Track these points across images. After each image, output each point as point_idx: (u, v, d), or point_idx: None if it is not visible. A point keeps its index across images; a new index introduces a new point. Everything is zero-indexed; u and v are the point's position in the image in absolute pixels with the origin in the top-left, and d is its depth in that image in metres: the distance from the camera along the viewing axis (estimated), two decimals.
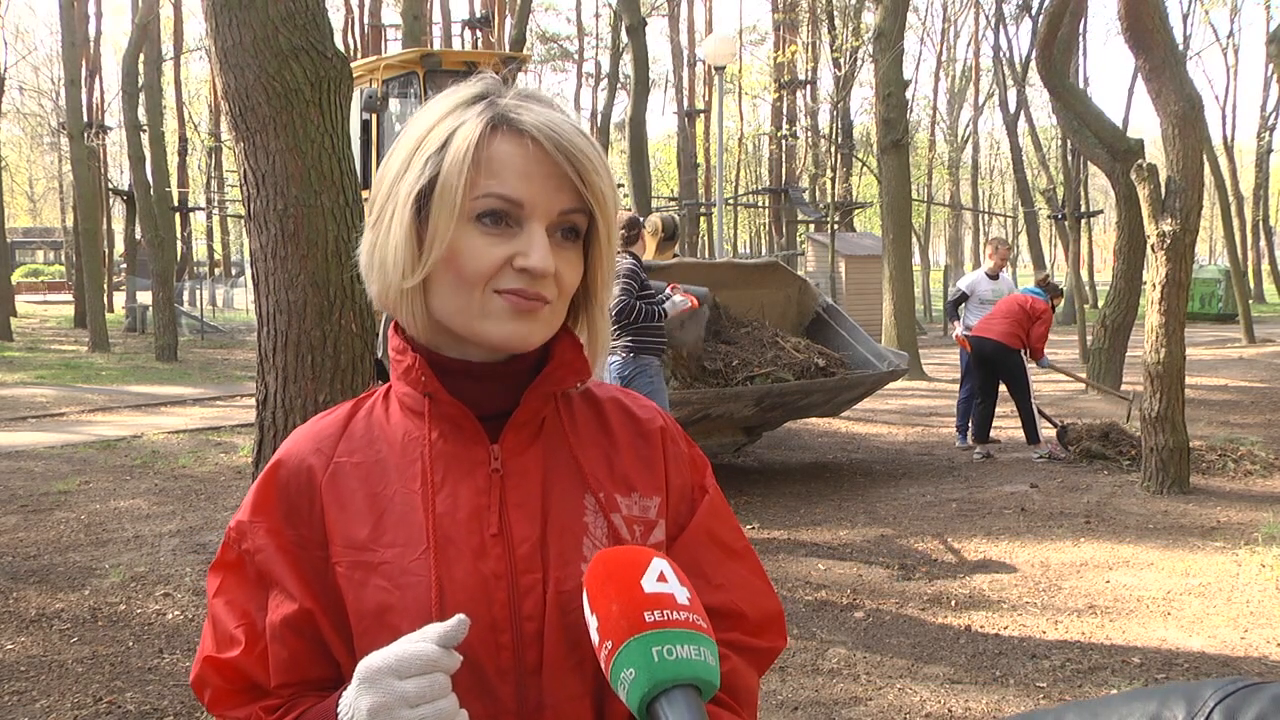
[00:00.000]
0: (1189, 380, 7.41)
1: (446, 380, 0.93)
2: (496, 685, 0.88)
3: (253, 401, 4.57)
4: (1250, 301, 22.20)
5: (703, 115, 31.72)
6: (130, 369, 15.80)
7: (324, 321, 3.89)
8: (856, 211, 29.42)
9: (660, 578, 0.79)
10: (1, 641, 4.22)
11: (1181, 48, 13.71)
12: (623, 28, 18.51)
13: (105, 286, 25.92)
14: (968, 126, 37.06)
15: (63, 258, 42.08)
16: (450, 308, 0.90)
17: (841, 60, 22.44)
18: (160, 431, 9.62)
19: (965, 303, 8.87)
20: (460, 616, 0.81)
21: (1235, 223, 24.83)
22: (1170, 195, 6.69)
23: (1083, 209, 24.12)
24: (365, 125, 10.43)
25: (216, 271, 37.07)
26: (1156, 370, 6.73)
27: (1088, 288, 28.94)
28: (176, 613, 4.59)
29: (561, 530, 0.92)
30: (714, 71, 16.27)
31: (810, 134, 30.24)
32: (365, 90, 10.18)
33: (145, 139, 18.60)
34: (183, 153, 30.46)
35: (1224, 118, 35.49)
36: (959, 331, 8.72)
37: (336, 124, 3.94)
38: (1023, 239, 35.50)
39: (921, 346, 15.76)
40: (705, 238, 26.65)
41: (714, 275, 7.65)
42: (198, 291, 26.66)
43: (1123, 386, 10.76)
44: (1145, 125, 74.98)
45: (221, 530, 5.68)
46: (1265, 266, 37.34)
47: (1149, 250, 6.89)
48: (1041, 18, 13.61)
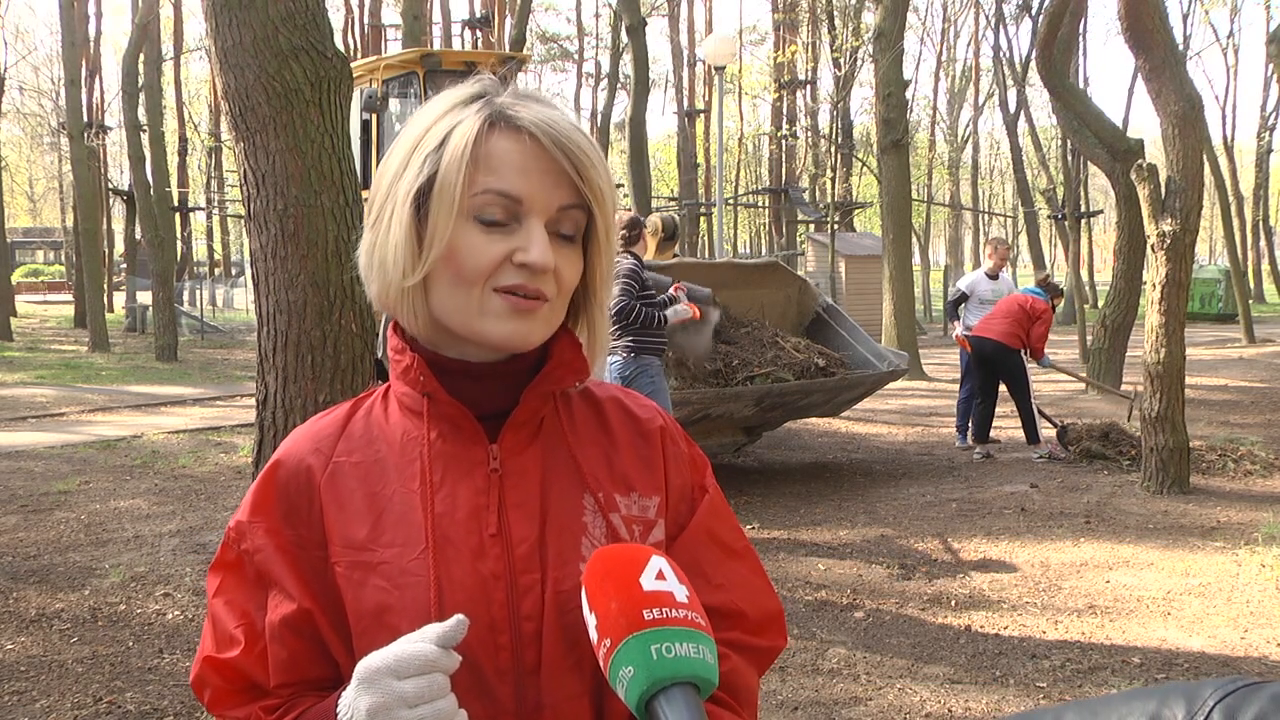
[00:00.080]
0: (1189, 380, 7.41)
1: (445, 380, 0.93)
2: (495, 685, 0.88)
3: (253, 401, 4.57)
4: (1250, 301, 22.20)
5: (703, 115, 31.72)
6: (130, 369, 15.80)
7: (324, 321, 3.89)
8: (856, 211, 29.42)
9: (659, 576, 0.79)
10: (1, 641, 4.22)
11: (1181, 48, 13.70)
12: (623, 28, 18.51)
13: (105, 286, 25.93)
14: (968, 126, 37.07)
15: (63, 258, 42.09)
16: (450, 306, 0.90)
17: (841, 60, 22.44)
18: (160, 431, 9.62)
19: (965, 303, 8.87)
20: (459, 617, 0.81)
21: (1235, 223, 24.83)
22: (1170, 195, 6.69)
23: (1083, 209, 24.12)
24: (365, 125, 10.44)
25: (216, 271, 37.06)
26: (1156, 370, 6.73)
27: (1088, 288, 28.93)
28: (176, 613, 4.59)
29: (560, 530, 0.92)
30: (714, 71, 16.27)
31: (810, 134, 30.24)
32: (365, 90, 10.19)
33: (145, 139, 18.60)
34: (183, 153, 30.46)
35: (1224, 118, 35.55)
36: (959, 332, 8.72)
37: (336, 124, 3.94)
38: (1023, 239, 35.51)
39: (921, 346, 15.75)
40: (705, 238, 26.65)
41: (714, 275, 7.65)
42: (198, 291, 26.66)
43: (1123, 386, 10.75)
44: (1145, 125, 75.01)
45: (221, 530, 5.67)
46: (1265, 266, 37.35)
47: (1149, 250, 6.89)
48: (1041, 18, 13.61)
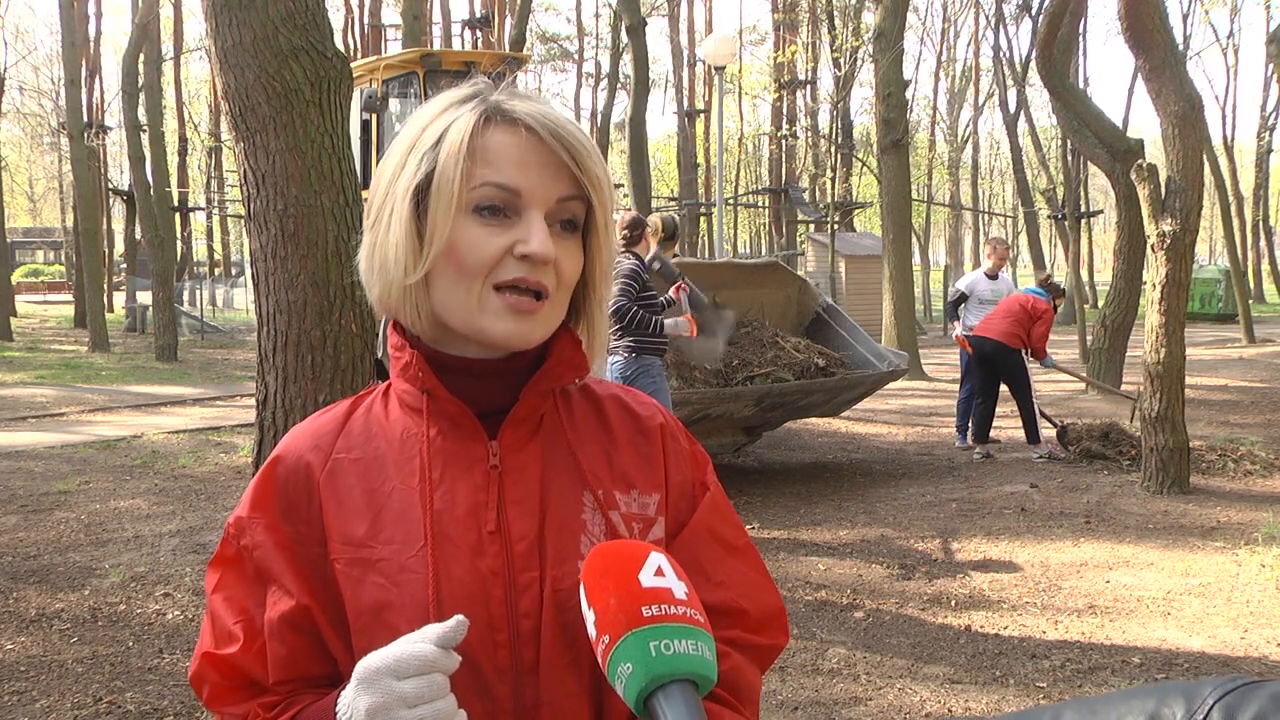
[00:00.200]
0: (1189, 380, 7.41)
1: (445, 377, 0.93)
2: (494, 683, 0.88)
3: (253, 401, 4.57)
4: (1250, 301, 22.20)
5: (703, 115, 31.72)
6: (130, 369, 15.80)
7: (324, 321, 3.89)
8: (856, 211, 29.41)
9: (658, 572, 0.79)
10: (1, 641, 4.22)
11: (1181, 48, 13.70)
12: (623, 28, 18.50)
13: (105, 286, 25.93)
14: (968, 126, 37.07)
15: (63, 258, 42.08)
16: (452, 303, 0.90)
17: (841, 60, 22.44)
18: (160, 431, 9.62)
19: (965, 303, 8.87)
20: (459, 618, 0.81)
21: (1235, 223, 24.83)
22: (1170, 195, 6.69)
23: (1083, 209, 24.11)
24: (365, 125, 10.45)
25: (216, 271, 37.05)
26: (1156, 370, 6.73)
27: (1088, 288, 28.93)
28: (176, 613, 4.59)
29: (559, 527, 0.92)
30: (714, 71, 16.27)
31: (810, 134, 30.24)
32: (365, 90, 10.20)
33: (145, 139, 18.60)
34: (183, 153, 30.46)
35: (1224, 118, 35.53)
36: (958, 332, 8.73)
37: (336, 124, 3.94)
38: (1023, 239, 35.51)
39: (921, 346, 15.75)
40: (705, 238, 26.64)
41: (714, 275, 7.65)
42: (198, 291, 26.66)
43: (1123, 386, 10.75)
44: (1145, 125, 74.98)
45: (221, 530, 5.67)
46: (1265, 266, 37.35)
47: (1149, 250, 6.89)
48: (1041, 18, 13.61)
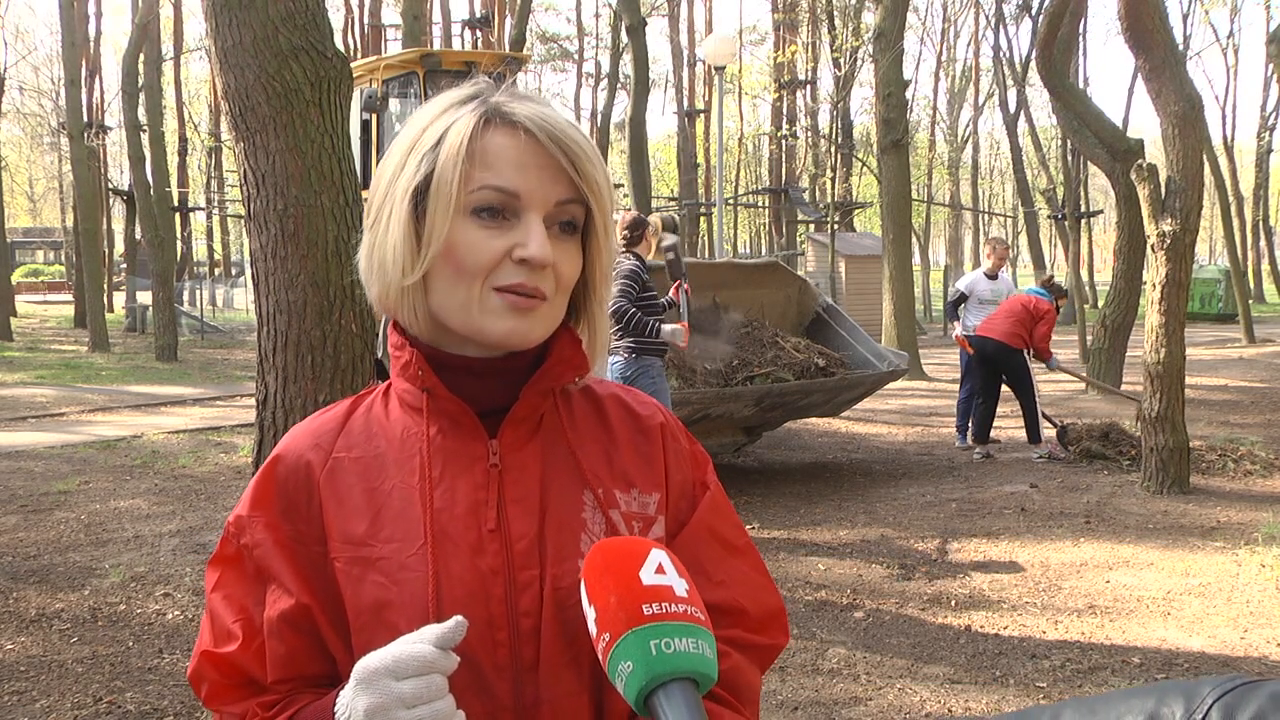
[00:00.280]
0: (1189, 380, 7.41)
1: (445, 376, 0.93)
2: (494, 682, 0.88)
3: (253, 401, 4.57)
4: (1250, 301, 22.20)
5: (703, 115, 31.71)
6: (130, 369, 15.80)
7: (324, 321, 3.89)
8: (856, 211, 29.41)
9: (659, 570, 0.79)
10: (1, 641, 4.22)
11: (1181, 48, 13.70)
12: (623, 28, 18.50)
13: (105, 286, 25.93)
14: (968, 126, 37.07)
15: (63, 258, 42.07)
16: (450, 304, 0.90)
17: (841, 60, 22.43)
18: (160, 431, 9.62)
19: (964, 303, 8.87)
20: (458, 618, 0.81)
21: (1235, 223, 24.83)
22: (1170, 195, 6.69)
23: (1083, 209, 24.10)
24: (365, 125, 10.45)
25: (216, 271, 37.05)
26: (1156, 370, 6.73)
27: (1088, 288, 28.92)
28: (176, 613, 4.59)
29: (559, 526, 0.92)
30: (714, 71, 16.27)
31: (810, 134, 30.24)
32: (365, 90, 10.20)
33: (145, 139, 18.59)
34: (183, 153, 30.46)
35: (1224, 118, 35.53)
36: (958, 332, 8.72)
37: (336, 124, 3.94)
38: (1023, 239, 35.51)
39: (921, 346, 15.75)
40: (705, 238, 26.64)
41: (714, 275, 7.65)
42: (198, 291, 26.65)
43: (1123, 386, 10.75)
44: (1145, 125, 74.99)
45: (221, 529, 5.67)
46: (1265, 266, 37.34)
47: (1149, 250, 6.89)
48: (1041, 18, 13.61)
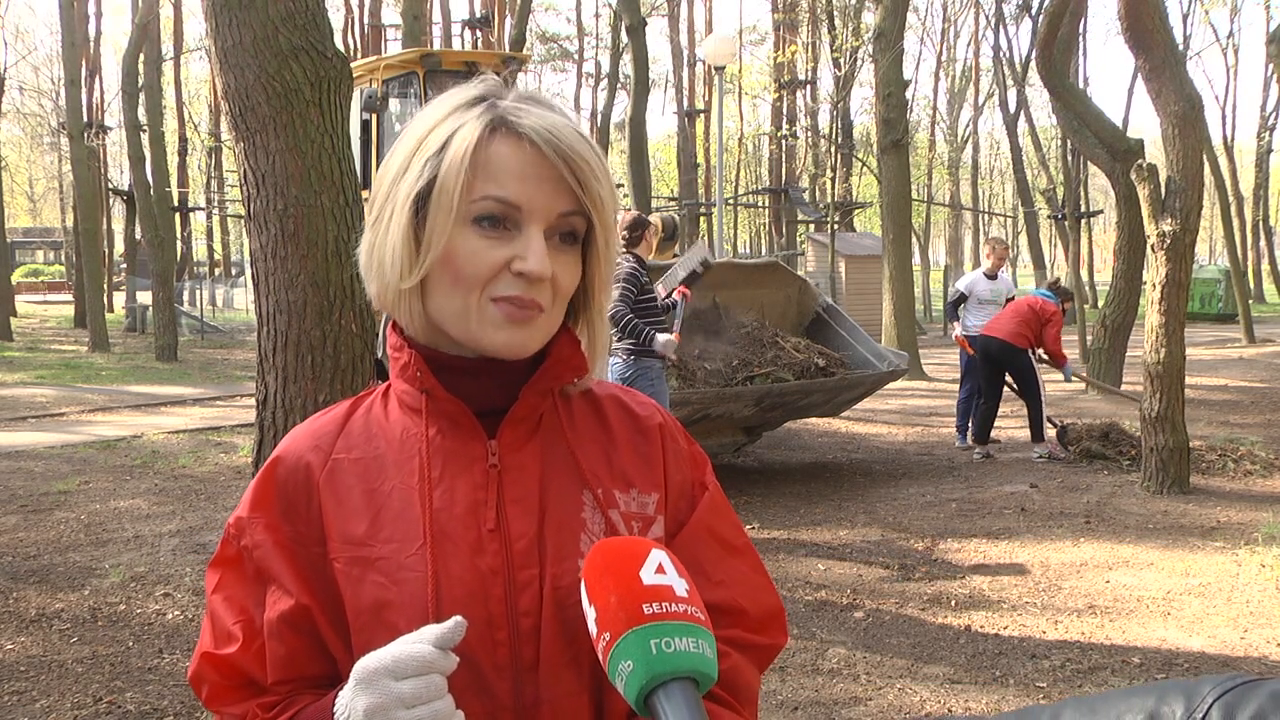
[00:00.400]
0: (1189, 380, 7.41)
1: (444, 377, 0.93)
2: (493, 682, 0.88)
3: (253, 401, 4.57)
4: (1250, 301, 22.20)
5: (703, 115, 31.71)
6: (130, 369, 15.80)
7: (324, 321, 3.89)
8: (856, 211, 29.42)
9: (659, 569, 0.79)
10: (1, 641, 4.22)
11: (1181, 48, 13.70)
12: (623, 28, 18.50)
13: (105, 286, 25.93)
14: (968, 126, 37.07)
15: (63, 258, 42.07)
16: (447, 310, 0.90)
17: (841, 60, 22.43)
18: (160, 431, 9.62)
19: (964, 303, 8.86)
20: (457, 619, 0.81)
21: (1235, 223, 24.84)
22: (1170, 195, 6.69)
23: (1083, 209, 24.10)
24: (365, 125, 10.43)
25: (216, 271, 37.07)
26: (1156, 370, 6.73)
27: (1088, 288, 28.92)
28: (176, 613, 4.59)
29: (559, 526, 0.92)
30: (714, 71, 16.27)
31: (810, 134, 30.23)
32: (365, 90, 10.18)
33: (145, 139, 18.60)
34: (183, 153, 30.46)
35: (1224, 118, 35.53)
36: (958, 332, 8.72)
37: (336, 124, 3.94)
38: (1023, 239, 35.52)
39: (921, 346, 15.75)
40: (705, 238, 26.63)
41: (714, 275, 7.63)
42: (198, 291, 26.66)
43: (1123, 386, 10.75)
44: (1145, 125, 74.95)
45: (221, 530, 5.66)
46: (1265, 266, 37.35)
47: (1149, 250, 6.89)
48: (1041, 18, 13.60)
